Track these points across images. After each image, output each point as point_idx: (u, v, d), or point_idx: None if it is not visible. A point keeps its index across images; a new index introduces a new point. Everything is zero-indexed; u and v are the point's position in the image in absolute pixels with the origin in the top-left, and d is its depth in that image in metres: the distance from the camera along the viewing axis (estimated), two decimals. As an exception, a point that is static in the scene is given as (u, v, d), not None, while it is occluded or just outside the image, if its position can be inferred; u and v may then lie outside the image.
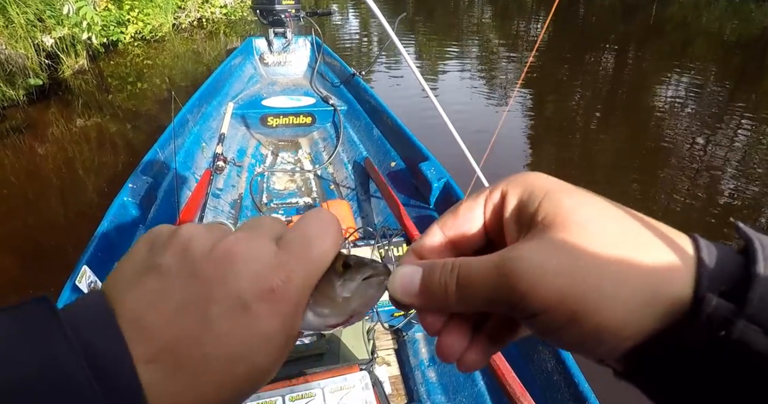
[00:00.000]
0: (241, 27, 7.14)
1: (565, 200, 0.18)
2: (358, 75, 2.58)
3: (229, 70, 2.70)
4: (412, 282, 0.20)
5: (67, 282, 1.10)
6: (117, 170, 3.08)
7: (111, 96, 4.50)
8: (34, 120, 3.86)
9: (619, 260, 0.17)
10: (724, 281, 0.16)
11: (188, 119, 2.08)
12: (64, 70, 4.69)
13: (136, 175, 1.53)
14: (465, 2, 11.50)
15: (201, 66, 5.40)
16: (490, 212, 0.21)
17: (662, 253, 0.17)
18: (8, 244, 2.41)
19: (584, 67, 5.92)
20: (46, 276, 2.08)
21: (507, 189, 0.21)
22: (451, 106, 3.49)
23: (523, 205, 0.20)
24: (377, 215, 1.93)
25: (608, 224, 0.18)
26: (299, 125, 2.54)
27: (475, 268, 0.19)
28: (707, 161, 3.42)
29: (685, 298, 0.16)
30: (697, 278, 0.16)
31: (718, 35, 7.74)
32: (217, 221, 1.74)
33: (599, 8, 10.57)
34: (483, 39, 7.35)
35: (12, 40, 4.06)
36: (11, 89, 3.91)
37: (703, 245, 0.17)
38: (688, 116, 4.30)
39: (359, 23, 8.27)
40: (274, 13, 2.74)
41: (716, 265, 0.16)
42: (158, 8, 6.11)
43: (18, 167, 3.20)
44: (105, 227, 1.30)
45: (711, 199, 2.97)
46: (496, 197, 0.21)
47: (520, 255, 0.17)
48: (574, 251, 0.17)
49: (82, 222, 2.49)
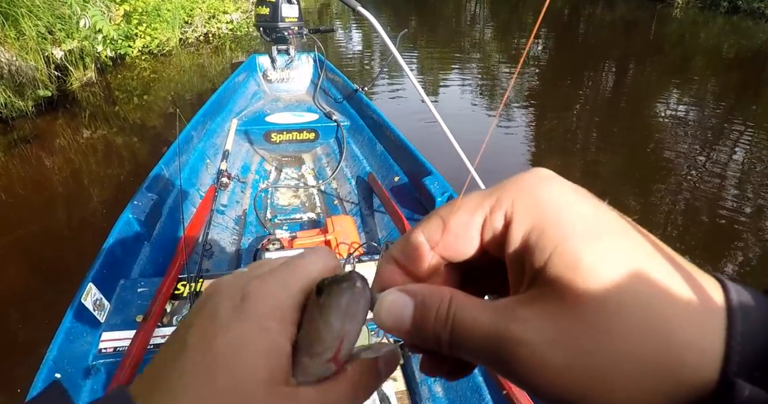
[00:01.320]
0: (246, 42, 7.27)
1: (584, 258, 0.15)
2: (361, 91, 2.61)
3: (233, 87, 2.73)
4: (403, 320, 0.18)
5: (73, 300, 1.10)
6: (122, 181, 3.11)
7: (118, 108, 4.57)
8: (42, 131, 3.92)
9: (641, 355, 0.14)
10: (755, 358, 0.14)
11: (193, 135, 2.10)
12: (72, 82, 4.78)
13: (141, 192, 1.54)
14: (467, 19, 11.70)
15: (206, 81, 5.48)
16: (489, 239, 0.18)
17: (693, 326, 0.14)
18: (14, 253, 2.43)
19: (584, 82, 6.00)
20: (49, 286, 2.10)
21: (512, 215, 0.17)
22: (452, 119, 3.53)
23: (530, 249, 0.16)
24: (381, 229, 1.92)
25: (631, 298, 0.15)
26: (303, 140, 2.55)
27: (470, 323, 0.16)
28: (707, 175, 3.45)
29: (710, 382, 0.14)
30: (725, 356, 0.14)
31: (716, 52, 7.83)
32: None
33: (599, 24, 10.74)
34: (484, 54, 7.46)
35: (23, 52, 4.15)
36: (20, 100, 3.98)
37: (734, 297, 0.15)
38: (688, 130, 4.34)
39: (362, 40, 8.40)
40: (277, 30, 2.76)
41: (747, 333, 0.14)
42: (166, 23, 6.23)
43: (25, 176, 3.24)
44: (110, 244, 1.30)
45: (712, 212, 2.98)
46: (498, 222, 0.18)
47: (523, 331, 0.15)
48: (587, 343, 0.14)
49: (86, 233, 2.51)
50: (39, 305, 1.99)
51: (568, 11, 11.83)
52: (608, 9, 12.19)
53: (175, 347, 0.18)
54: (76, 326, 1.08)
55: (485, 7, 13.48)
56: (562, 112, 4.82)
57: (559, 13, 11.36)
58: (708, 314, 0.15)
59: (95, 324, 1.13)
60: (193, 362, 0.17)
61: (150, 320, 1.09)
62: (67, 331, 1.05)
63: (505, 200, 0.18)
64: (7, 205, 2.90)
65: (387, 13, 11.28)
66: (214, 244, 1.74)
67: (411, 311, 0.18)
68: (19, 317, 2.02)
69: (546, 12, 0.26)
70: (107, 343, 1.08)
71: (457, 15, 12.13)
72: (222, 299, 0.19)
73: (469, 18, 11.90)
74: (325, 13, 11.18)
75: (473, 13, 12.63)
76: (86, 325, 1.10)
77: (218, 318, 0.18)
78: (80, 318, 1.09)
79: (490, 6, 13.63)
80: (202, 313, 0.19)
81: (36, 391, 0.91)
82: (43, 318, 1.86)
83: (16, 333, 1.93)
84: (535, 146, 4.00)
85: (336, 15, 10.77)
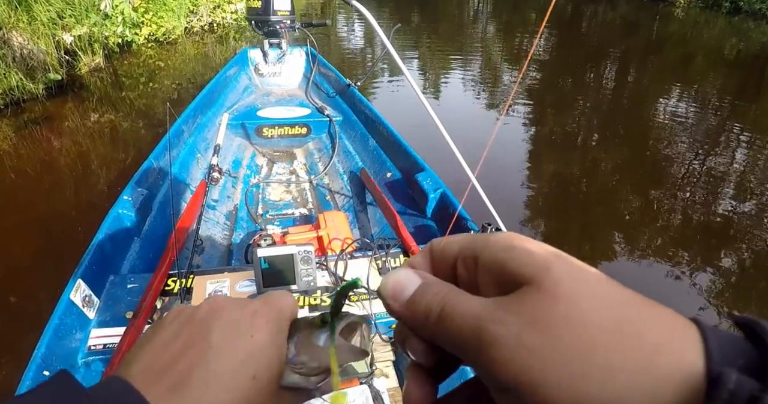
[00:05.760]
0: (250, 32, 7.32)
1: (555, 264, 0.16)
2: (354, 86, 2.58)
3: (224, 81, 2.68)
4: (404, 292, 0.20)
5: (61, 295, 1.08)
6: (127, 165, 3.18)
7: (124, 94, 4.68)
8: (51, 114, 4.04)
9: (614, 342, 0.14)
10: (737, 357, 0.14)
11: (183, 129, 2.07)
12: (81, 67, 4.93)
13: (131, 186, 1.51)
14: (470, 16, 11.69)
15: (210, 70, 5.53)
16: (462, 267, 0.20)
17: (664, 330, 0.15)
18: (21, 232, 2.51)
19: (585, 81, 5.98)
20: (54, 264, 2.14)
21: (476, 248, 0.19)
22: (449, 117, 3.40)
23: (499, 268, 0.18)
24: (374, 225, 1.90)
25: (600, 296, 0.16)
26: (294, 135, 2.51)
27: (459, 311, 0.17)
28: (706, 177, 3.46)
29: (694, 382, 0.14)
30: (707, 354, 0.14)
31: (717, 52, 7.80)
32: None
33: (601, 24, 10.76)
34: (485, 52, 7.43)
35: (34, 37, 4.29)
36: (31, 83, 4.14)
37: (706, 327, 0.15)
38: (688, 131, 4.33)
39: (363, 35, 8.38)
40: (269, 23, 2.72)
41: (724, 342, 0.14)
42: (171, 12, 6.35)
43: (35, 158, 3.34)
44: (99, 240, 1.27)
45: (709, 214, 2.99)
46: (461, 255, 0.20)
47: (500, 319, 0.16)
48: (558, 327, 0.15)
49: (92, 213, 2.51)
50: (42, 282, 2.04)
51: (570, 10, 11.86)
52: (610, 8, 12.23)
53: (195, 344, 0.22)
54: (64, 322, 1.05)
55: (488, 4, 13.47)
56: (563, 110, 4.81)
57: (561, 12, 11.39)
58: (678, 321, 0.15)
59: (84, 321, 1.10)
60: (225, 362, 0.21)
61: (140, 316, 1.06)
62: (56, 328, 1.02)
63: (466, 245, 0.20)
64: (17, 185, 3.00)
65: (389, 8, 11.19)
66: (205, 240, 1.71)
67: (413, 288, 0.20)
68: (23, 294, 2.07)
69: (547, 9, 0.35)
70: (97, 340, 1.06)
71: (460, 11, 12.12)
72: (237, 313, 0.23)
73: (471, 15, 11.90)
74: (328, 7, 11.15)
75: (476, 10, 12.64)
76: (75, 322, 1.08)
77: (240, 328, 0.23)
78: (69, 315, 1.06)
79: (492, 2, 13.61)
80: (219, 322, 0.23)
81: (24, 389, 0.89)
82: (47, 296, 1.85)
83: (24, 308, 2.00)
84: (535, 145, 4.00)
85: (338, 9, 10.74)
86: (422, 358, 0.20)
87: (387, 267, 1.31)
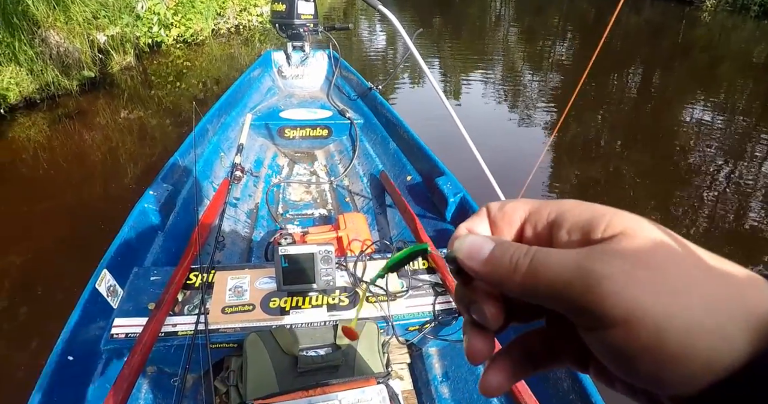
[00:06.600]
0: (274, 34, 7.46)
1: (640, 222, 0.18)
2: (375, 89, 2.60)
3: (248, 82, 2.73)
4: (481, 250, 0.20)
5: (87, 285, 1.12)
6: (155, 161, 3.25)
7: (153, 92, 4.81)
8: (84, 109, 4.19)
9: (710, 280, 0.16)
10: None
11: (208, 128, 2.11)
12: (112, 65, 5.11)
13: (157, 182, 1.54)
14: (492, 21, 11.65)
15: (235, 71, 5.59)
16: (532, 232, 0.21)
17: (743, 271, 0.16)
18: (51, 221, 2.58)
19: (610, 87, 5.87)
20: (80, 253, 2.19)
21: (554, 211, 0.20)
22: (472, 124, 3.37)
23: (586, 223, 0.18)
24: (393, 228, 1.90)
25: (686, 243, 0.17)
26: (316, 137, 2.54)
27: (554, 259, 0.18)
28: (733, 186, 3.39)
29: None
30: None
31: (746, 57, 7.56)
32: None
33: (626, 27, 10.57)
34: (508, 57, 7.35)
35: (71, 36, 4.48)
36: (66, 79, 4.33)
37: None
38: (714, 136, 4.23)
39: (386, 38, 8.40)
40: (293, 27, 2.76)
41: None
42: (200, 14, 6.52)
43: (67, 150, 3.47)
44: (125, 232, 1.31)
45: (737, 223, 2.93)
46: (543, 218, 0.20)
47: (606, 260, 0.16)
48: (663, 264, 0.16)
49: (118, 206, 2.56)
50: (68, 270, 2.10)
51: (594, 15, 11.70)
52: (635, 12, 12.00)
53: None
54: (89, 310, 1.09)
55: (510, 8, 13.34)
56: (586, 115, 4.73)
57: (584, 15, 11.22)
58: (749, 272, 0.16)
59: (108, 310, 1.13)
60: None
61: (162, 308, 1.08)
62: (81, 315, 1.06)
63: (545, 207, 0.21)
64: (48, 176, 3.11)
65: (410, 13, 11.16)
66: (227, 236, 1.74)
67: (491, 246, 0.20)
68: (49, 280, 2.14)
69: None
70: (119, 329, 1.08)
71: (482, 15, 12.04)
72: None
73: (493, 19, 11.83)
74: (351, 10, 11.24)
75: (497, 14, 12.56)
76: (99, 310, 1.11)
77: None
78: (94, 303, 1.10)
79: (515, 6, 13.49)
80: None
81: (50, 369, 0.94)
82: (70, 283, 1.90)
83: (50, 294, 2.06)
84: (557, 149, 3.95)
85: (361, 12, 10.80)
86: (490, 321, 0.21)
87: (406, 270, 1.28)
